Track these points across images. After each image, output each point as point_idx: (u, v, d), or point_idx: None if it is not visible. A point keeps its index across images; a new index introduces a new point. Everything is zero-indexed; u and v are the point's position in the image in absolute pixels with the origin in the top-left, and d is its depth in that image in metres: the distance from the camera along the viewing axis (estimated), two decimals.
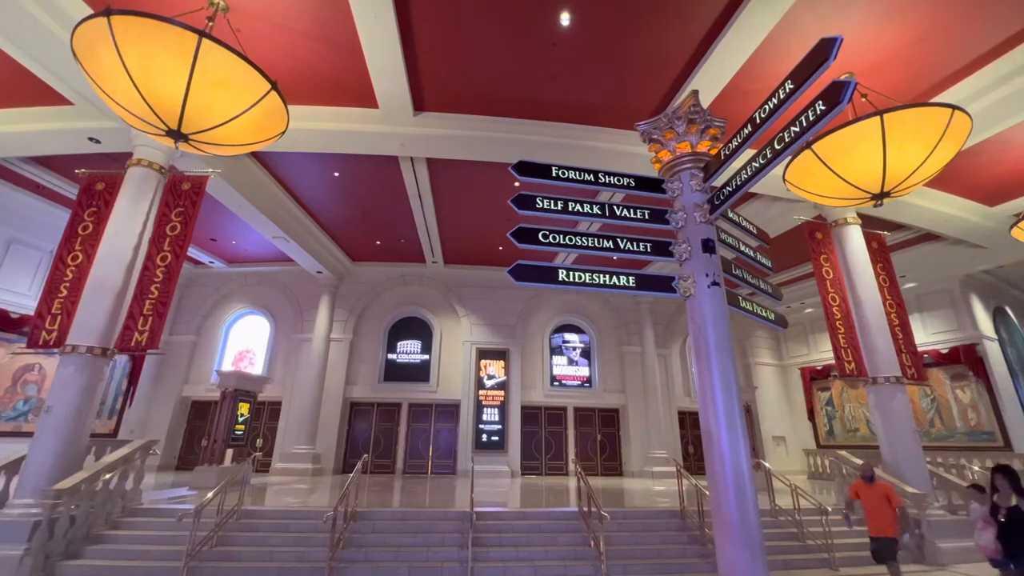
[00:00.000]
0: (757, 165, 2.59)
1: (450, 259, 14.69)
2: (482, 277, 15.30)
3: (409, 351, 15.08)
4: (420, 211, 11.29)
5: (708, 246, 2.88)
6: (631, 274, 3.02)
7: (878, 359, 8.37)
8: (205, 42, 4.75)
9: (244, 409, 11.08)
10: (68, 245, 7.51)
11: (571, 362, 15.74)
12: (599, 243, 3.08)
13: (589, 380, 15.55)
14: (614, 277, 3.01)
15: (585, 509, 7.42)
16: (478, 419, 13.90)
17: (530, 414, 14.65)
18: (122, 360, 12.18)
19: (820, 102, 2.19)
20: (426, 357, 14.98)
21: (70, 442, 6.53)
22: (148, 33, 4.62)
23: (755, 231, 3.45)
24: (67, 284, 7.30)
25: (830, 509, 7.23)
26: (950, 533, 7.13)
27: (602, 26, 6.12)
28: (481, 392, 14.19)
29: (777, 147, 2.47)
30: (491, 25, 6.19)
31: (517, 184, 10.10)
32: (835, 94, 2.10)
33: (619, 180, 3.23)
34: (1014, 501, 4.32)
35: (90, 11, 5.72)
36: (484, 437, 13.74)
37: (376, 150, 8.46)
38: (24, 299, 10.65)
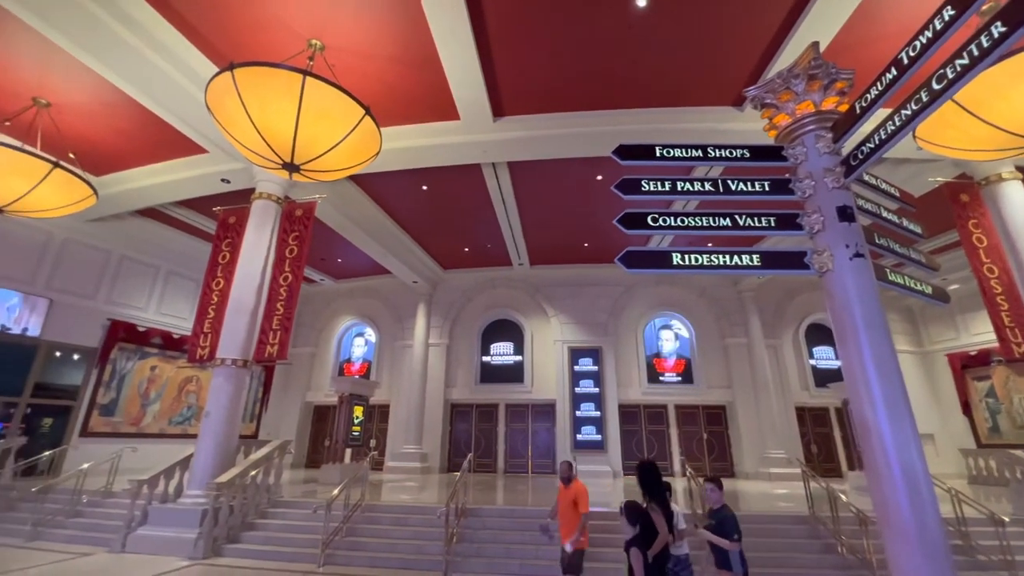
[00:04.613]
0: (909, 112, 2.19)
1: (536, 260, 14.76)
2: (569, 275, 15.18)
3: (502, 353, 15.39)
4: (504, 215, 11.48)
5: (846, 213, 2.52)
6: (755, 252, 2.76)
7: None
8: (308, 80, 5.26)
9: (359, 412, 12.05)
10: (212, 273, 8.73)
11: (669, 358, 14.99)
12: (715, 221, 2.83)
13: (690, 376, 14.69)
14: (735, 257, 2.75)
15: (700, 512, 7.00)
16: (575, 419, 13.75)
17: (628, 413, 14.19)
18: (257, 370, 13.88)
19: (998, 23, 1.80)
20: (519, 358, 15.17)
21: (225, 442, 7.56)
22: (262, 79, 5.22)
23: (898, 192, 2.98)
24: (214, 307, 8.48)
25: (1007, 519, 6.09)
26: None
27: None
28: (576, 391, 14.03)
29: (937, 87, 2.05)
30: (564, 19, 6.10)
31: (600, 178, 9.89)
32: (1019, 11, 1.71)
33: (731, 152, 2.94)
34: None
35: (216, 69, 6.62)
36: (582, 436, 13.55)
37: (460, 160, 8.76)
38: (183, 322, 12.60)
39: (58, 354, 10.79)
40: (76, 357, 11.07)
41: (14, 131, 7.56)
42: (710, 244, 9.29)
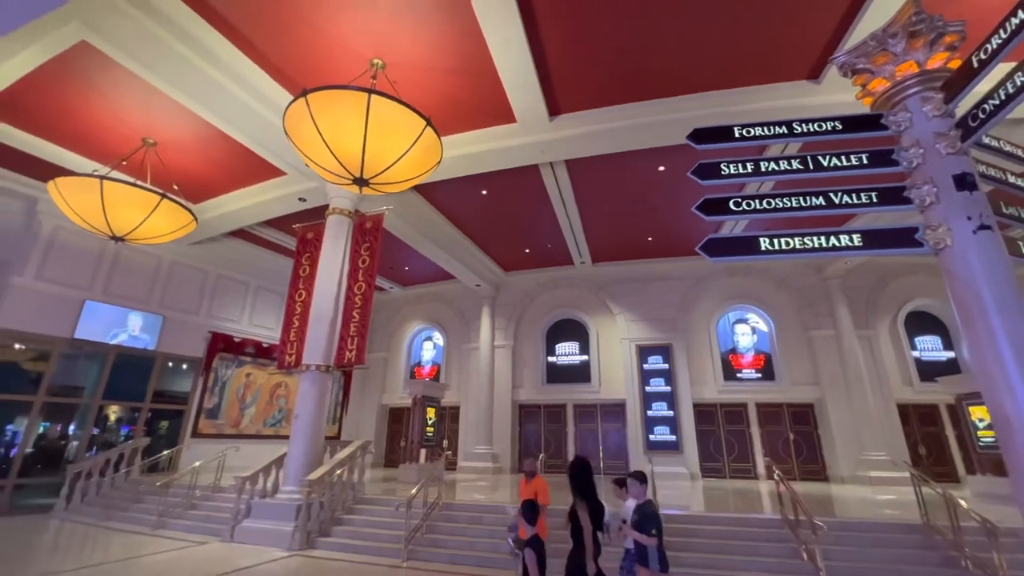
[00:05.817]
0: None
1: (597, 257, 14.50)
2: (632, 271, 14.75)
3: (568, 353, 15.25)
4: (564, 214, 11.39)
5: (965, 181, 2.20)
6: (855, 232, 2.48)
7: None
8: (373, 97, 5.52)
9: (431, 414, 12.45)
10: (294, 286, 9.41)
11: (746, 353, 14.09)
12: (806, 201, 2.58)
13: (771, 372, 13.71)
14: (832, 239, 2.49)
15: (791, 517, 6.51)
16: (646, 418, 13.30)
17: (704, 412, 13.51)
18: (337, 375, 14.78)
19: None
20: (585, 358, 14.96)
21: (313, 442, 8.11)
22: (332, 101, 5.56)
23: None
24: (297, 317, 9.13)
25: None
26: None
27: None
28: (647, 390, 13.57)
29: None
30: (617, 10, 5.95)
31: (662, 169, 9.53)
32: None
33: (820, 126, 2.67)
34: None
35: (289, 96, 7.16)
36: (655, 437, 13.08)
37: (518, 162, 8.81)
38: (271, 332, 13.73)
39: (170, 364, 12.15)
40: (185, 367, 12.40)
41: (129, 169, 8.61)
42: (783, 224, 8.65)
